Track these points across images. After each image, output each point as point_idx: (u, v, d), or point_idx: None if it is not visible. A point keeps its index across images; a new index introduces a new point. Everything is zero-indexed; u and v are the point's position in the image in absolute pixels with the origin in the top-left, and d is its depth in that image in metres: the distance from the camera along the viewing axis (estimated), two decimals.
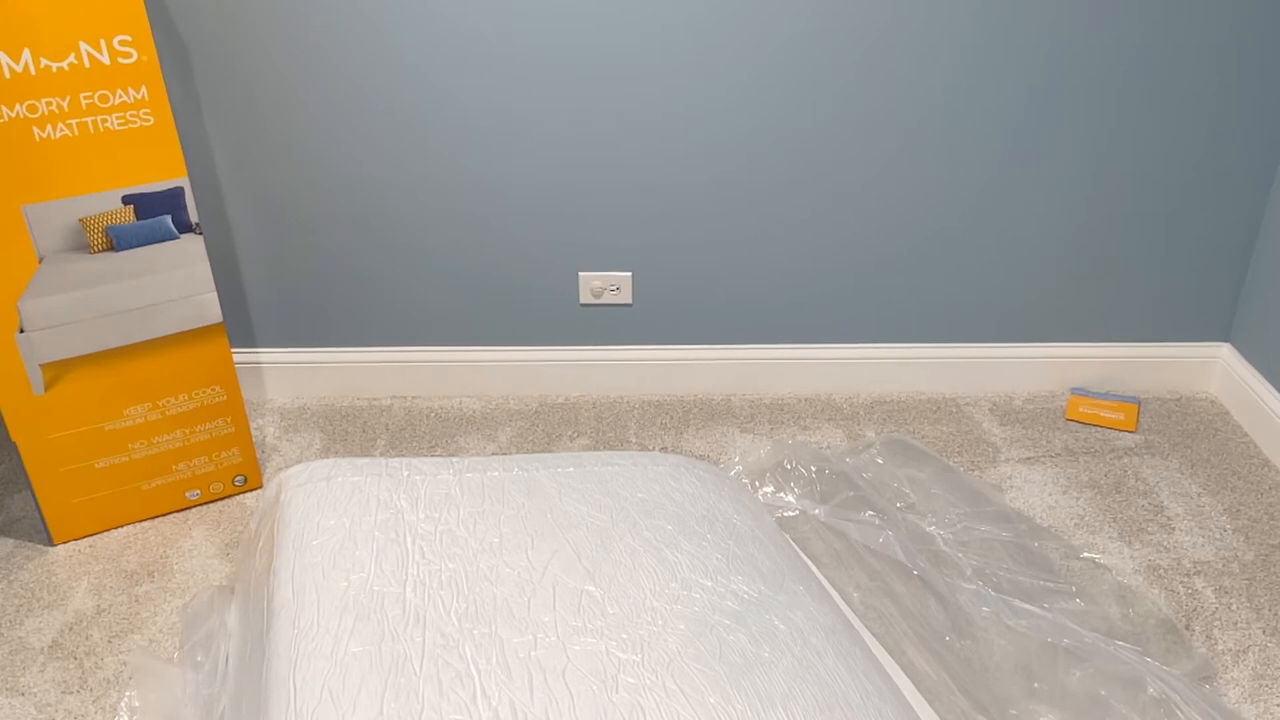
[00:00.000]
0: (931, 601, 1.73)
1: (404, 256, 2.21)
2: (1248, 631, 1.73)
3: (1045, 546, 1.88)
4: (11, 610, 1.79)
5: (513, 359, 2.32)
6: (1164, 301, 2.30)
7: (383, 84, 2.02)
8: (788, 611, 1.19)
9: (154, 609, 1.78)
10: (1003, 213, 2.19)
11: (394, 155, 2.10)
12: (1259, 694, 1.62)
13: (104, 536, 1.95)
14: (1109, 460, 2.15)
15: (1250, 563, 1.88)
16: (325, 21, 1.96)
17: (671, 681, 1.05)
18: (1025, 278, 2.27)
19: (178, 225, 1.80)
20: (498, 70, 2.02)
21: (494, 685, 1.04)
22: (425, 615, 1.12)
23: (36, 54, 1.59)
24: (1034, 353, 2.35)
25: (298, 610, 1.14)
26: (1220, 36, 2.01)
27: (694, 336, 2.32)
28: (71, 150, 1.67)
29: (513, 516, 1.28)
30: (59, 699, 1.61)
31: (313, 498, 1.30)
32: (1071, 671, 1.61)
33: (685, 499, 1.35)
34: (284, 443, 2.20)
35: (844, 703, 1.08)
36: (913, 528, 1.91)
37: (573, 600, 1.15)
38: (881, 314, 2.31)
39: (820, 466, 2.03)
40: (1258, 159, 2.14)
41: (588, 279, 2.24)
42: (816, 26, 1.99)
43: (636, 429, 2.26)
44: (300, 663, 1.07)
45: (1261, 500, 2.04)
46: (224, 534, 1.95)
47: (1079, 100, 2.07)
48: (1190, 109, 2.09)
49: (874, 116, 2.08)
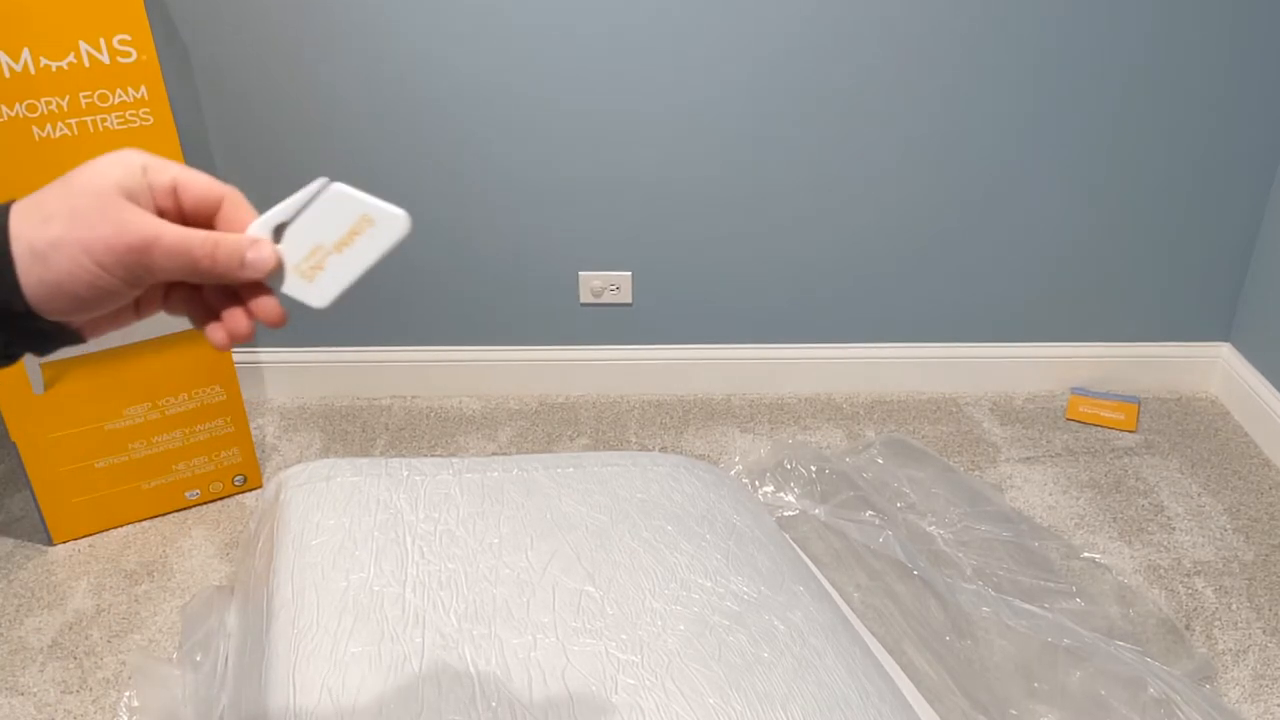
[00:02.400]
0: (932, 601, 1.73)
1: (404, 256, 2.21)
2: (1248, 631, 1.73)
3: (1045, 546, 1.88)
4: (11, 610, 1.79)
5: (513, 359, 2.32)
6: (1164, 301, 2.30)
7: (382, 84, 2.02)
8: (787, 612, 1.19)
9: (153, 609, 1.78)
10: (1003, 212, 2.19)
11: (394, 155, 2.10)
12: (1259, 694, 1.62)
13: (104, 536, 1.95)
14: (1109, 460, 2.15)
15: (1250, 562, 1.88)
16: (325, 21, 1.96)
17: (671, 682, 1.05)
18: (1025, 277, 2.27)
19: None
20: (498, 70, 2.01)
21: (493, 686, 1.04)
22: (425, 616, 1.12)
23: (36, 53, 1.59)
24: (1034, 352, 2.35)
25: (297, 610, 1.14)
26: (1221, 35, 2.01)
27: (694, 336, 2.32)
28: (71, 150, 1.67)
29: (512, 517, 1.28)
30: (58, 699, 1.61)
31: (312, 498, 1.30)
32: (1072, 671, 1.61)
33: (685, 499, 1.35)
34: (284, 442, 2.20)
35: (844, 703, 1.08)
36: (913, 527, 1.91)
37: (572, 601, 1.15)
38: (882, 314, 2.30)
39: (820, 466, 2.03)
40: (1258, 158, 2.14)
41: (588, 279, 2.24)
42: (818, 27, 1.99)
43: (636, 429, 2.26)
44: (299, 663, 1.07)
45: (1262, 500, 2.04)
46: (223, 534, 1.95)
47: (1079, 100, 2.07)
48: (1191, 108, 2.09)
49: (874, 116, 2.08)
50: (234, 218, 0.61)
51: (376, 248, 0.62)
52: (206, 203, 0.61)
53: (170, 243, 0.56)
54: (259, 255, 0.60)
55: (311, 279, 0.61)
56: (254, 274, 0.60)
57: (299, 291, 0.61)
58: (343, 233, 0.61)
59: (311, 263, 0.61)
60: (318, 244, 0.61)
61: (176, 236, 0.57)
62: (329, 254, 0.61)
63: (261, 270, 0.60)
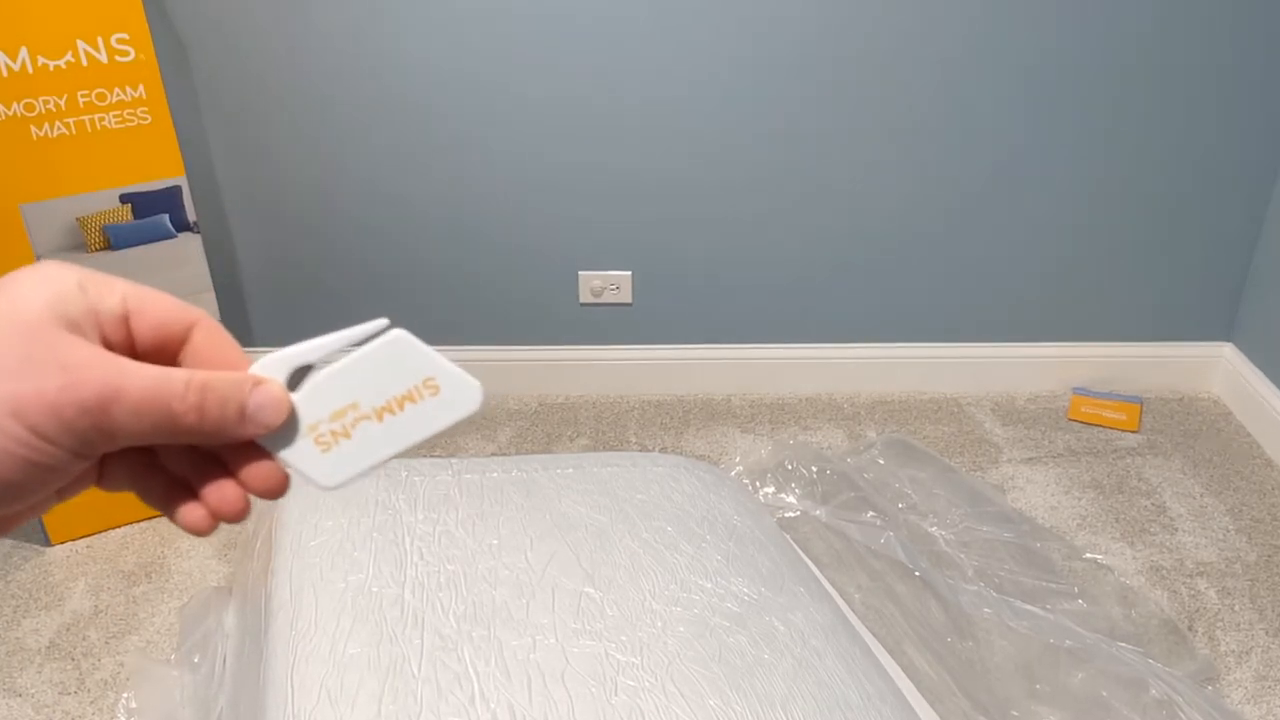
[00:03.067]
0: (933, 602, 1.72)
1: (403, 255, 2.20)
2: (1250, 633, 1.72)
3: (1047, 547, 1.88)
4: (9, 611, 1.78)
5: (512, 359, 2.32)
6: (1166, 301, 2.30)
7: (382, 83, 2.01)
8: (788, 613, 1.18)
9: (151, 610, 1.78)
10: (1005, 212, 2.18)
11: (393, 154, 2.09)
12: (1262, 695, 1.61)
13: (101, 537, 1.94)
14: (1111, 460, 2.14)
15: (1253, 563, 1.87)
16: (323, 20, 1.95)
17: (671, 684, 1.05)
18: (1027, 277, 2.26)
19: (175, 224, 1.79)
20: (497, 70, 2.01)
21: (492, 687, 1.03)
22: (423, 617, 1.11)
23: (34, 52, 1.59)
24: (1036, 352, 2.35)
25: (295, 611, 1.13)
26: (1221, 35, 2.01)
27: (694, 336, 2.32)
28: (69, 149, 1.66)
29: (512, 518, 1.27)
30: (56, 700, 1.61)
31: (311, 499, 1.30)
32: (1073, 673, 1.60)
33: (685, 500, 1.35)
34: None
35: (844, 704, 1.08)
36: (914, 528, 1.90)
37: (572, 602, 1.14)
38: (883, 314, 2.30)
39: (821, 467, 2.02)
40: (1260, 157, 2.14)
41: (588, 278, 2.24)
42: (823, 27, 1.98)
43: (636, 429, 2.25)
44: (298, 664, 1.06)
45: (1264, 501, 2.03)
46: (222, 535, 1.95)
47: (1081, 99, 2.07)
48: (1192, 107, 2.08)
49: (875, 117, 2.07)
50: (208, 354, 0.43)
51: (433, 423, 0.47)
52: (169, 331, 0.43)
53: (140, 392, 0.39)
54: (268, 401, 0.43)
55: (328, 448, 0.46)
56: (257, 429, 0.43)
57: (305, 461, 0.45)
58: (392, 395, 0.46)
59: (336, 426, 0.46)
60: (351, 402, 0.46)
61: (148, 381, 0.39)
62: (364, 419, 0.46)
63: (270, 423, 0.43)
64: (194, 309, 0.44)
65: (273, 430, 0.44)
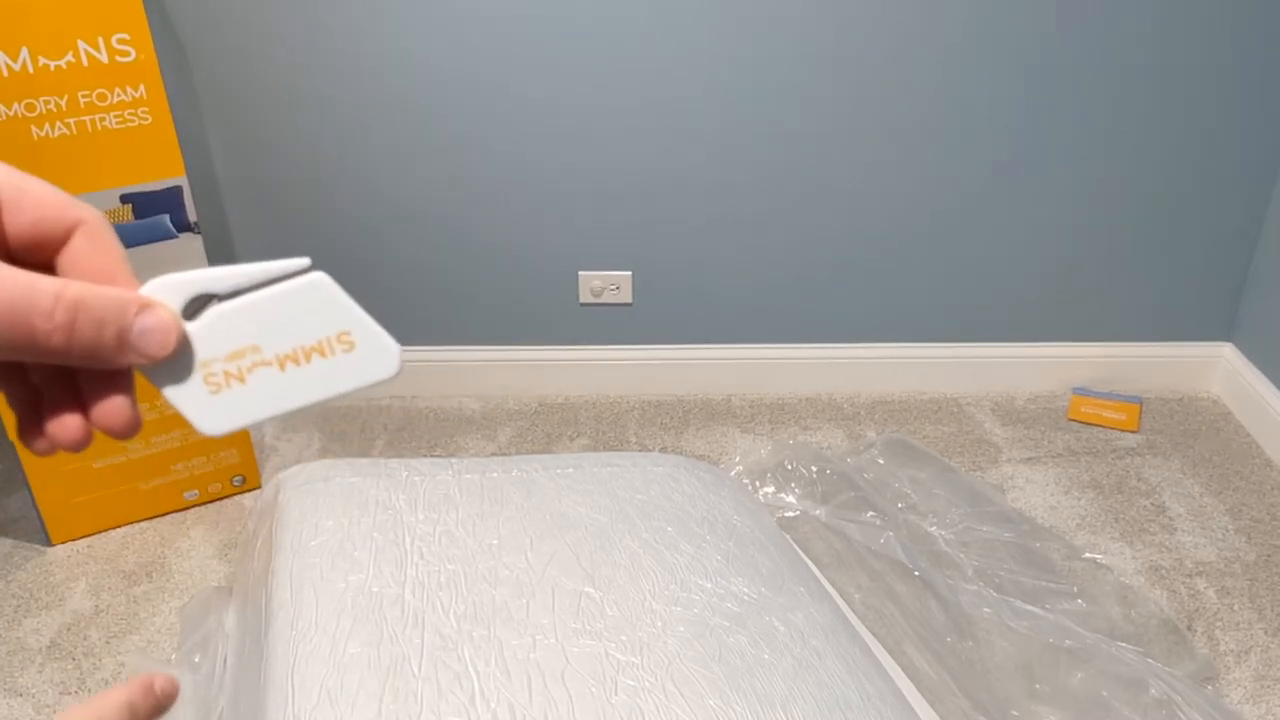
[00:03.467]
0: (933, 602, 1.72)
1: (403, 255, 2.20)
2: (1250, 632, 1.72)
3: (1047, 547, 1.88)
4: (9, 611, 1.78)
5: (512, 359, 2.32)
6: (1166, 301, 2.30)
7: (382, 83, 2.02)
8: (788, 613, 1.19)
9: (152, 609, 1.78)
10: (1004, 212, 2.19)
11: (393, 154, 2.09)
12: (1261, 695, 1.61)
13: (102, 537, 1.95)
14: (1111, 460, 2.14)
15: (1252, 563, 1.87)
16: (323, 20, 1.95)
17: (671, 684, 1.05)
18: (1026, 277, 2.26)
19: (176, 225, 1.79)
20: (497, 70, 2.01)
21: (492, 687, 1.03)
22: (424, 617, 1.11)
23: (34, 52, 1.59)
24: (1035, 352, 2.35)
25: (296, 611, 1.13)
26: (1221, 35, 2.01)
27: (694, 336, 2.32)
28: (69, 149, 1.66)
29: (512, 518, 1.27)
30: (57, 699, 1.61)
31: (311, 498, 1.30)
32: (1073, 672, 1.60)
33: (685, 500, 1.35)
34: (282, 443, 2.20)
35: (844, 704, 1.08)
36: (914, 528, 1.90)
37: (572, 602, 1.14)
38: (883, 314, 2.30)
39: (821, 467, 2.02)
40: (1260, 157, 2.14)
41: (588, 278, 2.24)
42: (820, 26, 1.98)
43: (636, 429, 2.25)
44: (298, 664, 1.06)
45: (1264, 500, 2.03)
46: (222, 534, 1.95)
47: (1080, 99, 2.07)
48: (1192, 107, 2.08)
49: (876, 117, 2.07)
50: (89, 264, 0.37)
51: (339, 383, 0.42)
52: (47, 229, 0.37)
53: None
54: (155, 326, 0.37)
55: (218, 389, 0.40)
56: (138, 358, 0.37)
57: (188, 402, 0.40)
58: (301, 344, 0.41)
59: (231, 367, 0.40)
60: (253, 344, 0.40)
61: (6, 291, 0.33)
62: (264, 365, 0.41)
63: (154, 354, 0.37)
64: (84, 206, 0.38)
65: (155, 361, 0.38)
